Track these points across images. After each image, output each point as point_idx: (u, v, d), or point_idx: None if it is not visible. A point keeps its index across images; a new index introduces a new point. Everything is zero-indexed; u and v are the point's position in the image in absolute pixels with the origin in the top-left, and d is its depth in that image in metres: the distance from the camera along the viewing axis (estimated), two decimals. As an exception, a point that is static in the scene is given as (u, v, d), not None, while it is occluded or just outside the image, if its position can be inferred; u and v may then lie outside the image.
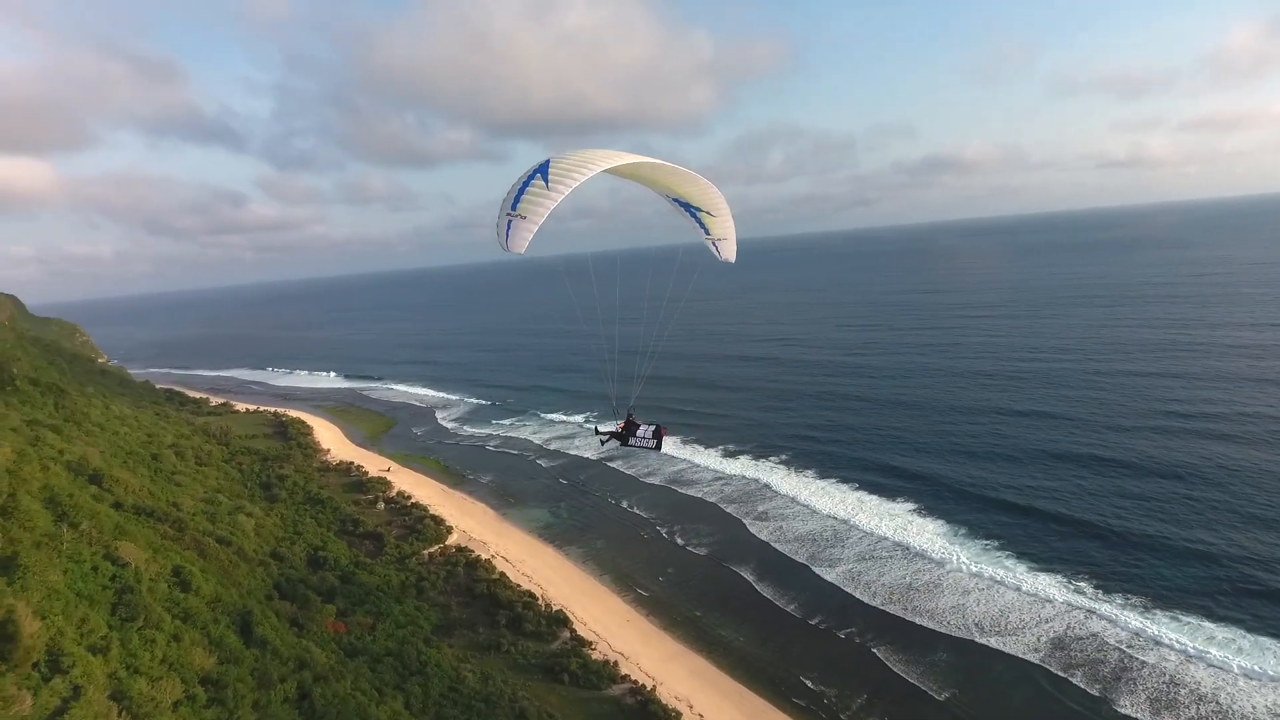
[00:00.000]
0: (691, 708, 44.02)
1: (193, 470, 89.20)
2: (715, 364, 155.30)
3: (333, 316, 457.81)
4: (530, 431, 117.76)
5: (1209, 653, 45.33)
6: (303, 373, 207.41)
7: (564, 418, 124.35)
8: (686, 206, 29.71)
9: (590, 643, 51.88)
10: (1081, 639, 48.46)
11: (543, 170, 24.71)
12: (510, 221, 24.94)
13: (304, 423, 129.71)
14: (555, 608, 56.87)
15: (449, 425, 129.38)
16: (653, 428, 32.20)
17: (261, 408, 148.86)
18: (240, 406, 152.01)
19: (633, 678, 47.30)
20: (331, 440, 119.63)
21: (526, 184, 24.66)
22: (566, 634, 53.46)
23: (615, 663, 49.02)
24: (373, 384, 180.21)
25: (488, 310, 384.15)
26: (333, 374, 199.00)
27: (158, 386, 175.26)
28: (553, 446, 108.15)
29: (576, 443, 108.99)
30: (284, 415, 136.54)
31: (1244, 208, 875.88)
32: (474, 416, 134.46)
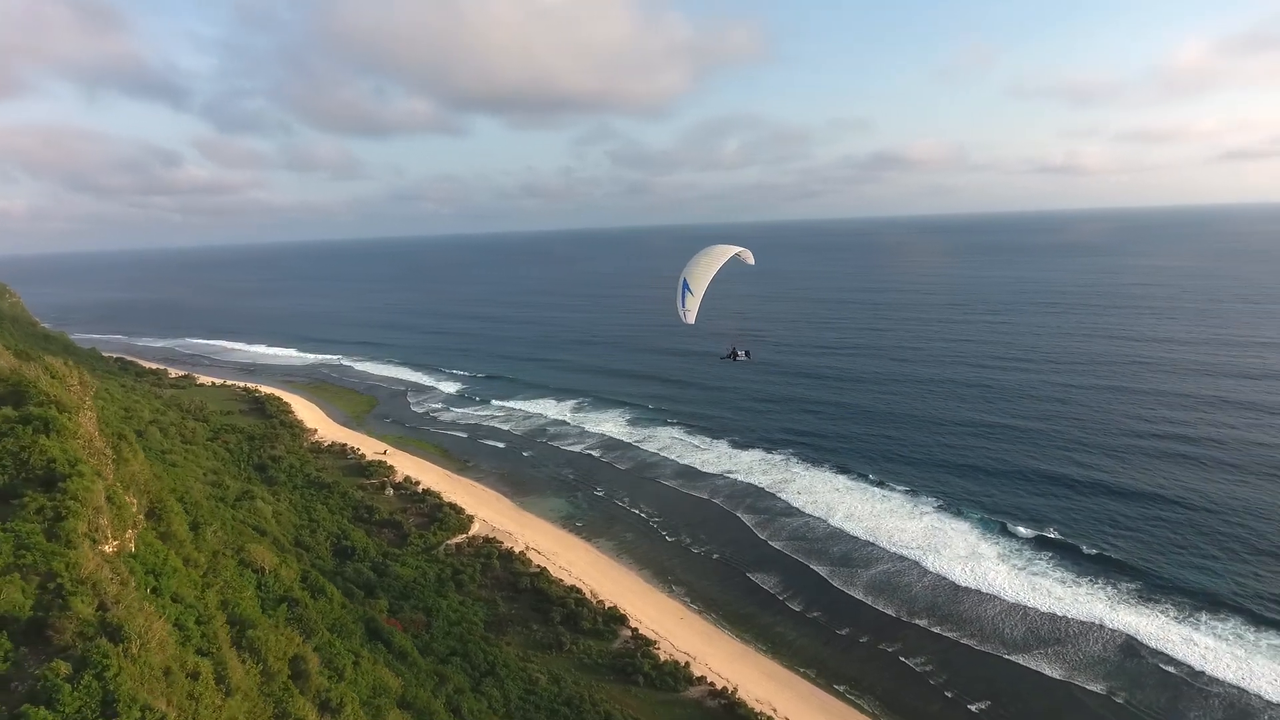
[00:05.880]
0: (776, 711, 43.93)
1: (181, 450, 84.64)
2: (678, 360, 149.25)
3: (280, 285, 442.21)
4: (515, 422, 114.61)
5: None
6: (261, 345, 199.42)
7: (540, 409, 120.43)
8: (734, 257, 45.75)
9: (653, 642, 51.21)
10: (1113, 658, 49.34)
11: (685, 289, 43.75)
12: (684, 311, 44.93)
13: (280, 399, 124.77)
14: (608, 604, 56.01)
15: (430, 408, 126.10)
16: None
17: (228, 381, 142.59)
18: (204, 379, 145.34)
19: (708, 679, 46.91)
20: (314, 419, 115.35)
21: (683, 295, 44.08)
22: (627, 632, 52.64)
23: (686, 663, 48.52)
24: (338, 360, 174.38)
25: (439, 287, 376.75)
26: (293, 349, 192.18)
27: (104, 355, 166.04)
28: (540, 439, 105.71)
29: (552, 433, 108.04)
30: (257, 391, 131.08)
31: (1166, 218, 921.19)
32: (453, 400, 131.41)
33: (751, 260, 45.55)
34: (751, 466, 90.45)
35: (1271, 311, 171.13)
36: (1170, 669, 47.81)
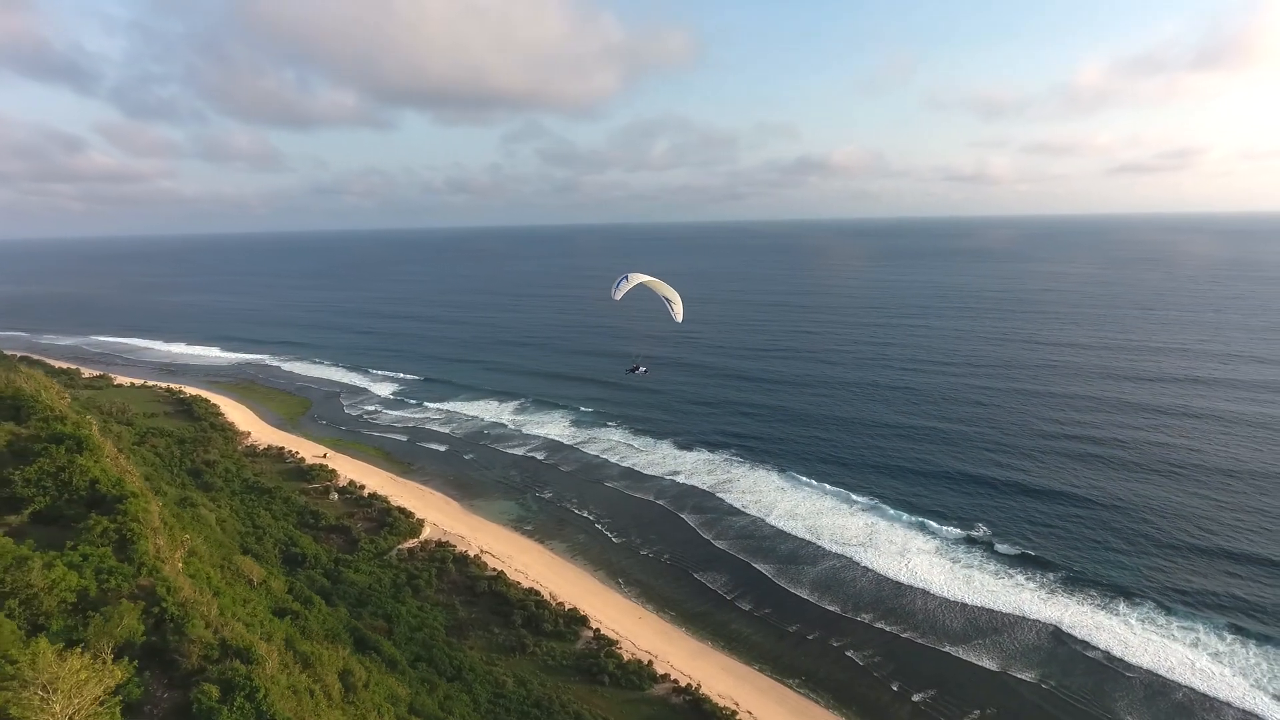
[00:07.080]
0: (739, 705, 46.07)
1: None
2: (615, 362, 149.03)
3: (196, 280, 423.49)
4: (455, 424, 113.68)
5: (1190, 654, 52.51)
6: (180, 344, 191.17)
7: (478, 412, 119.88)
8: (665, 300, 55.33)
9: (615, 641, 52.65)
10: (1039, 648, 53.55)
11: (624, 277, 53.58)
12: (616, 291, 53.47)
13: (208, 401, 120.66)
14: (568, 606, 57.16)
15: (366, 410, 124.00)
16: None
17: (149, 382, 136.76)
18: (121, 380, 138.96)
19: (671, 677, 48.71)
20: (246, 422, 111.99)
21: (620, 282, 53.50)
22: (589, 633, 53.92)
23: (649, 662, 50.14)
24: (264, 360, 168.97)
25: (366, 284, 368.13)
26: (215, 348, 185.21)
27: (6, 353, 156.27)
28: (482, 441, 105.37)
29: (494, 435, 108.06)
30: (181, 392, 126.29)
31: (1066, 226, 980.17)
32: (389, 403, 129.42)
33: (679, 318, 56.12)
34: (694, 468, 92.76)
35: (1163, 318, 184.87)
36: (1093, 656, 52.08)
